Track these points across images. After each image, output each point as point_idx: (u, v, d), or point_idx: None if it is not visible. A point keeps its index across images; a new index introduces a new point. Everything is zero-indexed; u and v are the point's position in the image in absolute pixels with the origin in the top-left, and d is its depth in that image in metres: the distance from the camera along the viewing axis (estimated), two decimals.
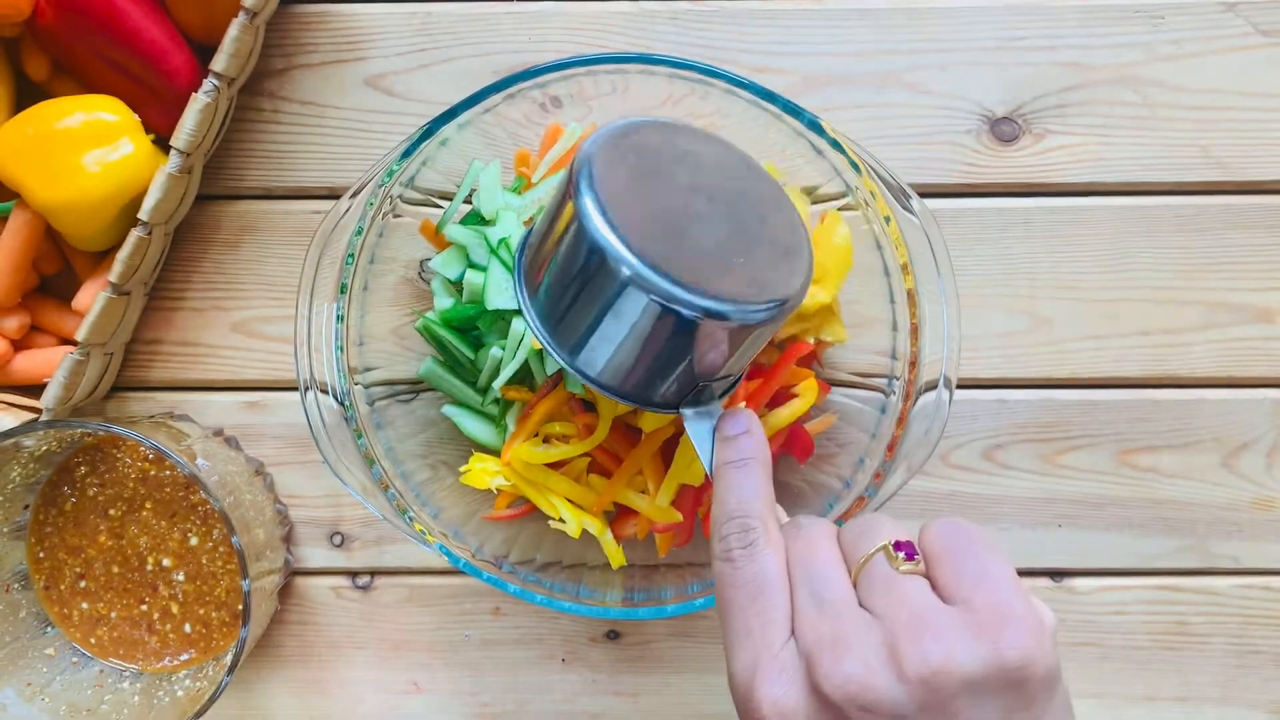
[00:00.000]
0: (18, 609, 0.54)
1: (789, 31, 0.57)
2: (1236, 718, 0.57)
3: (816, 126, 0.45)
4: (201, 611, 0.55)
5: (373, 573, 0.58)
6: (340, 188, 0.57)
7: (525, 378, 0.50)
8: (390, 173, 0.46)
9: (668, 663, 0.58)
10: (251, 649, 0.55)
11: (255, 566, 0.50)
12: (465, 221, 0.50)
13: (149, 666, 0.55)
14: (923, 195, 0.55)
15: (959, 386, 0.49)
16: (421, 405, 0.53)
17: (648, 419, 0.48)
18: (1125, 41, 0.56)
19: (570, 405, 0.48)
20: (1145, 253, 0.57)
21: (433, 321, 0.51)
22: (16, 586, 0.55)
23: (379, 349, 0.51)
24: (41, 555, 0.55)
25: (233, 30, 0.50)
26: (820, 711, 0.30)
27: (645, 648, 0.58)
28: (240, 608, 0.54)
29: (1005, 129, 0.57)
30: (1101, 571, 0.57)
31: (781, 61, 0.57)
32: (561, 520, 0.49)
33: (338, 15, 0.57)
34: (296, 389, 0.48)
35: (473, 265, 0.50)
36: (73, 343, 0.52)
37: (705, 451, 0.39)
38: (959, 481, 0.57)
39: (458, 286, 0.51)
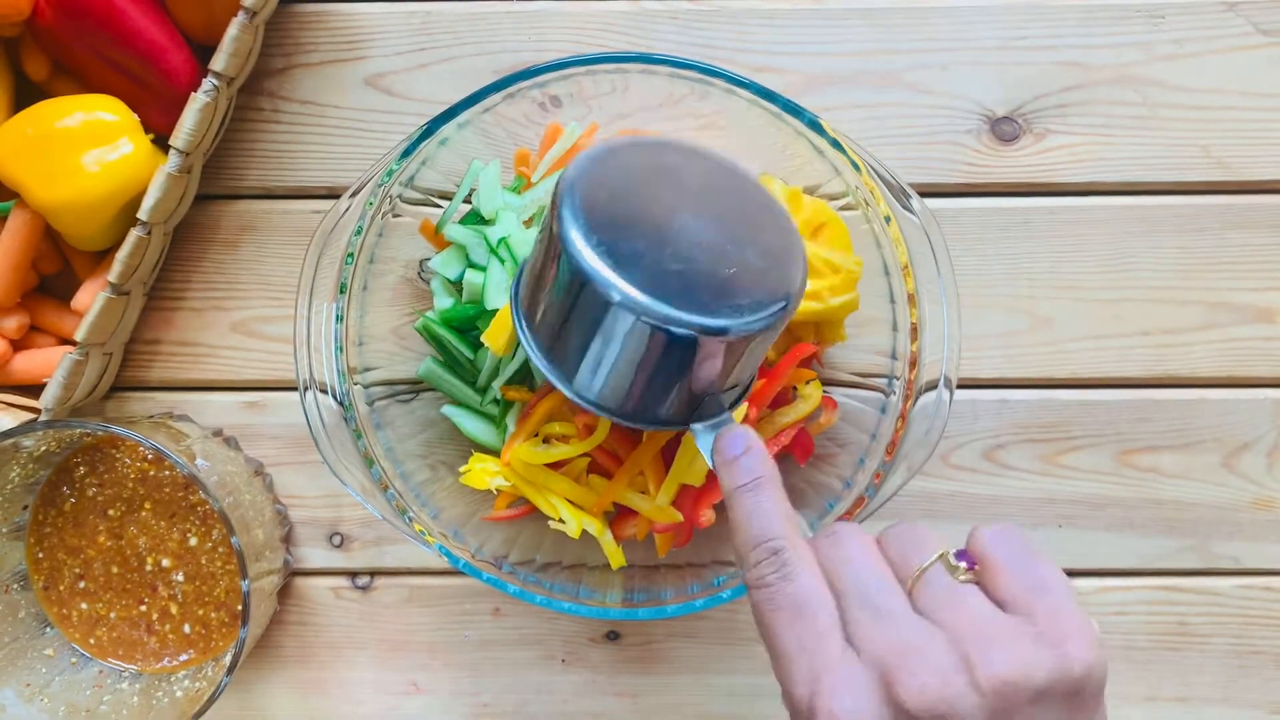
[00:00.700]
0: (17, 609, 0.54)
1: (789, 31, 0.57)
2: (1237, 718, 0.57)
3: (817, 126, 0.45)
4: (201, 612, 0.55)
5: (372, 573, 0.58)
6: (340, 187, 0.57)
7: (525, 378, 0.50)
8: (390, 172, 0.46)
9: (668, 663, 0.58)
10: (251, 649, 0.55)
11: (254, 567, 0.50)
12: (465, 221, 0.50)
13: (148, 667, 0.55)
14: (923, 195, 0.55)
15: (959, 387, 0.49)
16: (421, 405, 0.53)
17: None
18: (1126, 41, 0.56)
19: (570, 405, 0.48)
20: (1146, 253, 0.57)
21: (432, 321, 0.51)
22: (15, 587, 0.55)
23: (378, 349, 0.51)
24: (41, 556, 0.55)
25: (232, 30, 0.50)
26: None
27: (645, 648, 0.58)
28: (239, 608, 0.54)
29: (1006, 129, 0.57)
30: (1102, 572, 0.57)
31: (781, 61, 0.57)
32: (561, 521, 0.48)
33: (337, 15, 0.57)
34: (296, 389, 0.47)
35: (472, 265, 0.50)
36: (72, 343, 0.52)
37: None
38: (959, 482, 0.57)
39: (457, 286, 0.51)
